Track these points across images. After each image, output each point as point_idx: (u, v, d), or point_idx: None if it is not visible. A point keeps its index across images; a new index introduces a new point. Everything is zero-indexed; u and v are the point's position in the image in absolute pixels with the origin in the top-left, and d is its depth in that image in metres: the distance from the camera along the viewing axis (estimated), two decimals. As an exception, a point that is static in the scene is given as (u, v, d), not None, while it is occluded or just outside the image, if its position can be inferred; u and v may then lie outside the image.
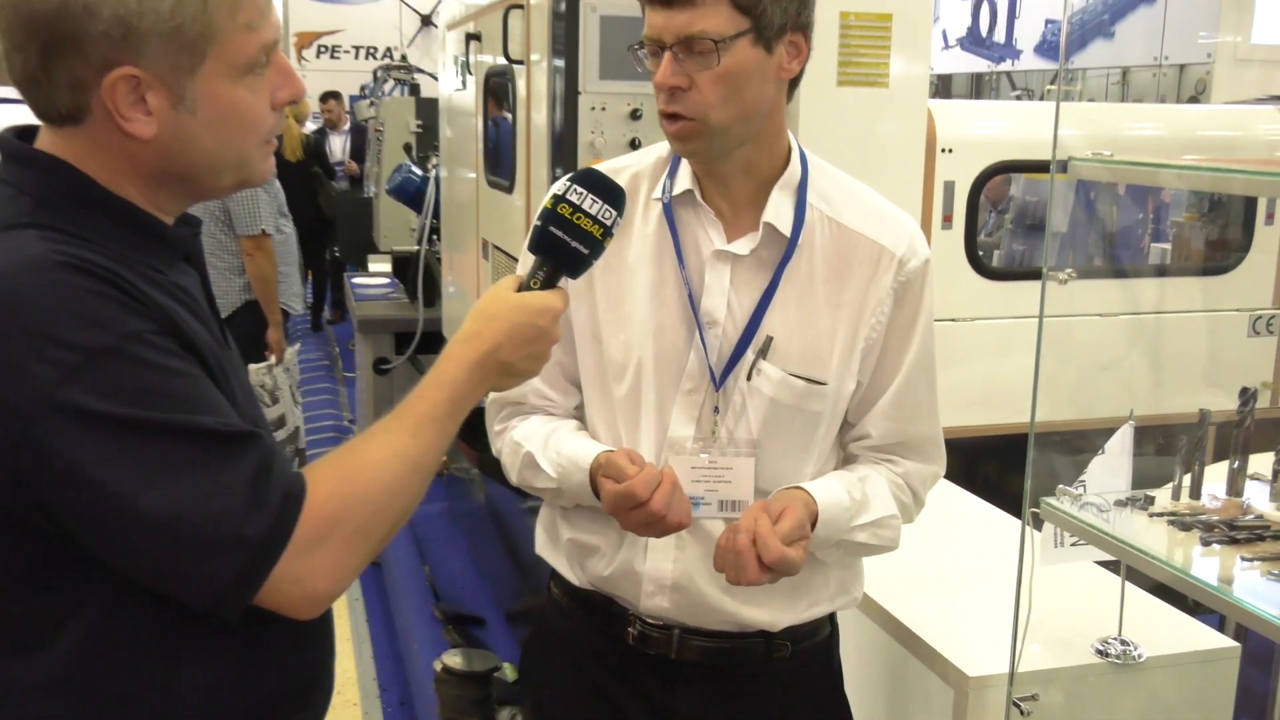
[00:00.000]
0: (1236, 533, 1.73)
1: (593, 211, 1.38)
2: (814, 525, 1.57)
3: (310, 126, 10.22)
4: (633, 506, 1.49)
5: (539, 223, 1.40)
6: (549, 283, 1.38)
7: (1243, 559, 1.67)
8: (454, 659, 3.58)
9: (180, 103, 1.19)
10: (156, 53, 1.16)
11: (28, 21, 1.14)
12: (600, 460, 1.58)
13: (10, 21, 1.15)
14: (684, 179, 1.65)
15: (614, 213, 1.40)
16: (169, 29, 1.15)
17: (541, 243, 1.39)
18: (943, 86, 9.47)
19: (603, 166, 1.58)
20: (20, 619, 1.20)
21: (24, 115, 1.27)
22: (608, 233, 1.39)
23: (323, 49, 12.94)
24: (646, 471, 1.50)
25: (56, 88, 1.17)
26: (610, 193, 1.40)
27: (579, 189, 1.39)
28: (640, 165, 1.72)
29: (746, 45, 1.51)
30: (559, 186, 1.42)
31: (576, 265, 1.39)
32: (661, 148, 1.72)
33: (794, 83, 1.62)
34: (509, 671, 3.60)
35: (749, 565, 1.48)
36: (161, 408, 1.12)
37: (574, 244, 1.38)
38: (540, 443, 1.68)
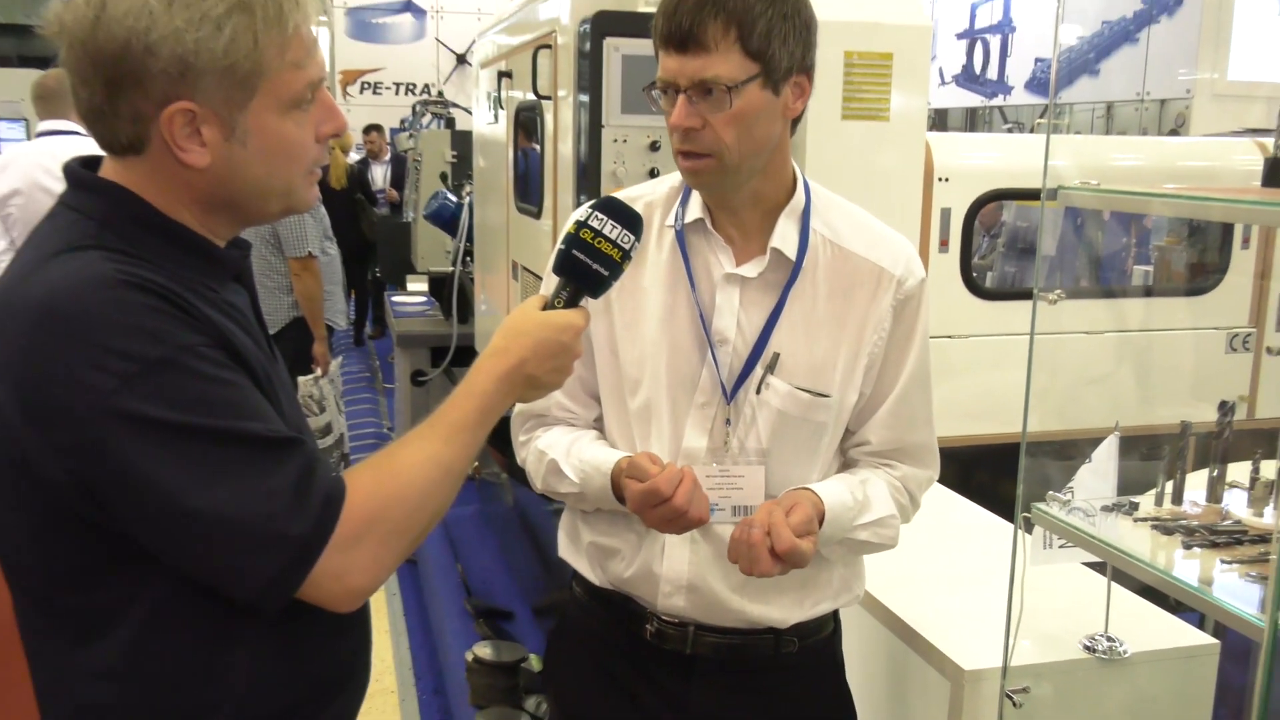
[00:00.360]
0: (1216, 537, 1.71)
1: (613, 236, 1.38)
2: (821, 523, 1.56)
3: (354, 157, 10.25)
4: (656, 504, 1.48)
5: (563, 246, 1.39)
6: (572, 302, 1.38)
7: (1222, 561, 1.65)
8: (484, 650, 3.58)
9: (232, 135, 1.20)
10: (211, 88, 1.16)
11: (94, 60, 1.15)
12: (622, 464, 1.58)
13: (79, 59, 1.17)
14: (695, 208, 1.65)
15: (632, 237, 1.39)
16: (223, 66, 1.16)
17: (565, 265, 1.39)
18: (939, 120, 9.46)
19: (619, 195, 1.58)
20: (81, 610, 1.20)
21: (78, 147, 1.28)
22: (626, 256, 1.39)
23: (366, 85, 12.99)
24: (668, 470, 1.49)
25: (119, 120, 1.18)
26: (629, 219, 1.40)
27: (600, 215, 1.39)
28: (654, 194, 1.71)
29: (756, 88, 1.51)
30: (581, 213, 1.41)
31: (597, 286, 1.39)
32: (673, 178, 1.72)
33: (796, 119, 1.62)
34: (535, 662, 3.59)
35: (762, 557, 1.47)
36: (212, 415, 1.12)
37: (595, 266, 1.38)
38: (563, 451, 1.67)
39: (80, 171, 1.25)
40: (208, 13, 1.14)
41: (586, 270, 1.38)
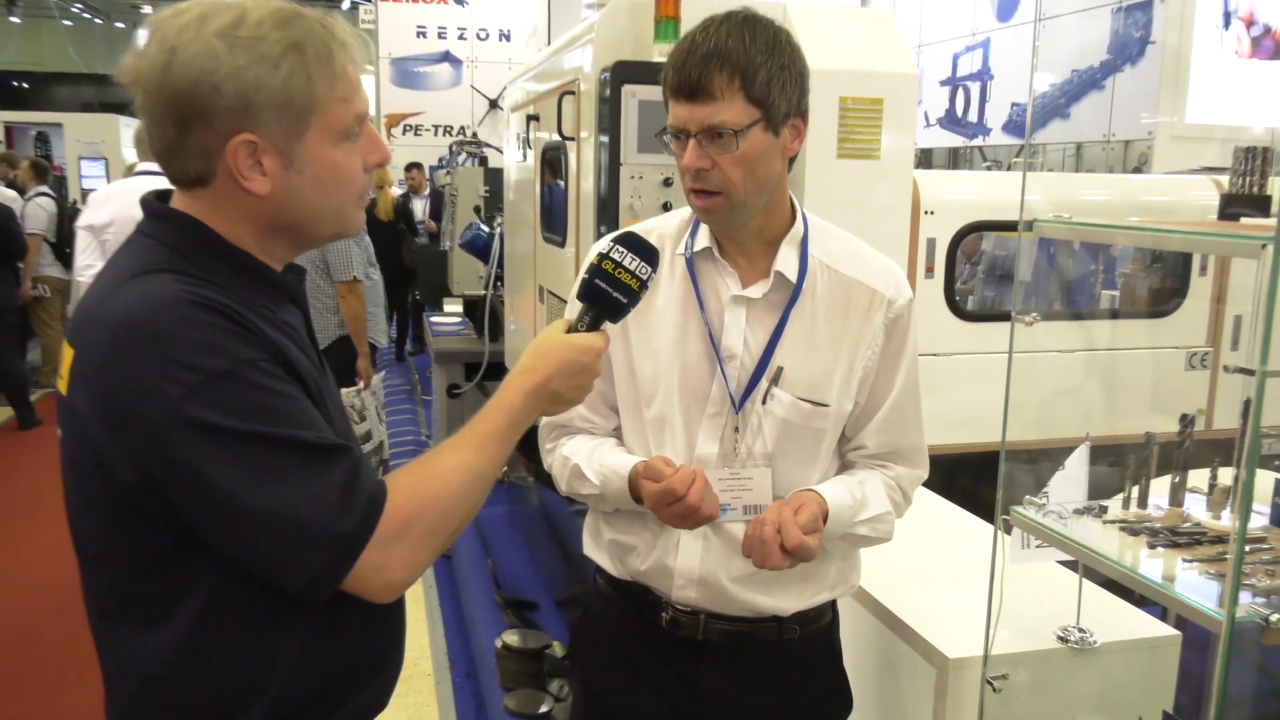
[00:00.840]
0: (1178, 538, 1.70)
1: (631, 267, 1.38)
2: (825, 521, 1.56)
3: (396, 191, 10.29)
4: (671, 502, 1.49)
5: (586, 275, 1.39)
6: (593, 326, 1.38)
7: (1183, 560, 1.64)
8: (512, 638, 3.57)
9: (290, 164, 1.21)
10: (270, 121, 1.18)
11: (168, 100, 1.17)
12: (639, 468, 1.58)
13: (153, 101, 1.18)
14: (703, 238, 1.65)
15: (649, 269, 1.40)
16: (280, 101, 1.17)
17: (588, 292, 1.39)
18: (925, 159, 9.45)
19: (635, 228, 1.59)
20: (146, 596, 1.21)
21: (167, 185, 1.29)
22: (644, 285, 1.39)
23: (408, 127, 13.05)
24: (682, 471, 1.50)
25: (189, 155, 1.19)
26: (646, 252, 1.40)
27: (620, 248, 1.40)
28: (666, 227, 1.72)
29: (759, 132, 1.51)
30: (603, 245, 1.42)
31: (617, 312, 1.39)
32: (683, 212, 1.72)
33: (793, 158, 1.62)
34: (558, 649, 3.58)
35: (773, 552, 1.48)
36: (269, 423, 1.13)
37: (615, 294, 1.38)
38: (585, 456, 1.67)
39: (155, 203, 1.26)
40: (265, 54, 1.16)
41: (607, 298, 1.38)
